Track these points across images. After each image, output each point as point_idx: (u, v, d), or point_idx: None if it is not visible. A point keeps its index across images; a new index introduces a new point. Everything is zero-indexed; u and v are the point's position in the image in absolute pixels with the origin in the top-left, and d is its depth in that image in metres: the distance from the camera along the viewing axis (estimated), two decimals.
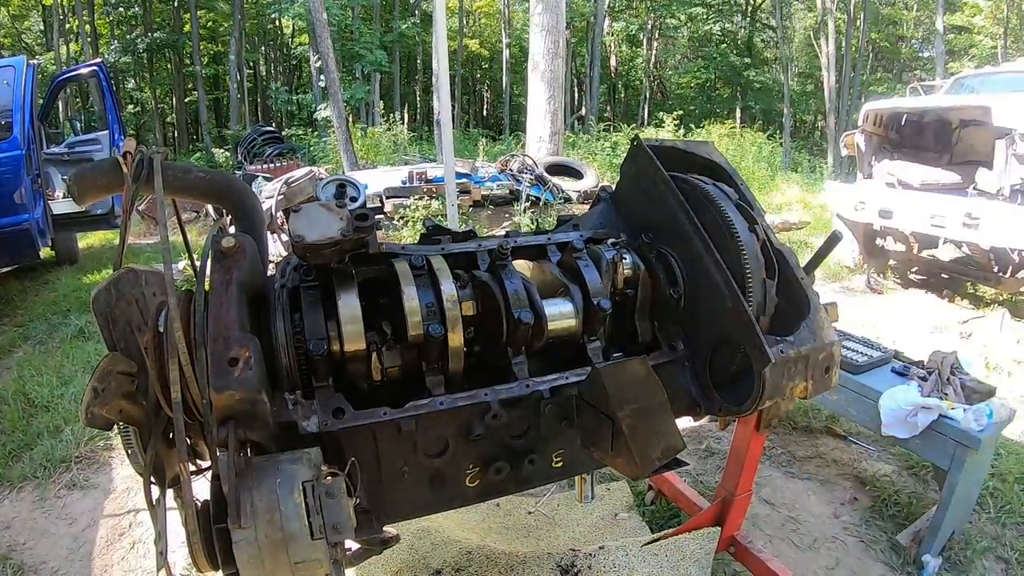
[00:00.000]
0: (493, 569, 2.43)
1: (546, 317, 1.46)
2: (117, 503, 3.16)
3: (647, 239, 1.61)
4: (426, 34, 23.74)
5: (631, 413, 1.27)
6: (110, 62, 22.74)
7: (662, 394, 1.33)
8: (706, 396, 1.56)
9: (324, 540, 1.07)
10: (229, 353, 1.15)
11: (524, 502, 2.96)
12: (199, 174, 1.56)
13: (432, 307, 1.36)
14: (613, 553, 2.46)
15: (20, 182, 5.96)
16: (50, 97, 8.41)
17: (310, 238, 1.26)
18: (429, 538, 2.61)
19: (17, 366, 4.79)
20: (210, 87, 28.36)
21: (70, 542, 2.90)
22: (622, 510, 2.91)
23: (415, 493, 1.43)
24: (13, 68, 6.40)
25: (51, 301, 6.54)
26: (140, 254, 8.60)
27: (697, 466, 3.24)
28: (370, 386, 1.38)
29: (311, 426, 1.23)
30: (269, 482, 1.08)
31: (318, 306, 1.33)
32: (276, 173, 10.04)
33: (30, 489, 3.27)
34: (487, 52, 35.36)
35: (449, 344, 1.35)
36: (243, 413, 1.14)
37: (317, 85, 19.49)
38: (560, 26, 10.65)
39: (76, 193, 1.48)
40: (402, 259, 1.43)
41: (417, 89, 30.88)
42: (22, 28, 28.22)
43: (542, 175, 9.01)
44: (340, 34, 20.56)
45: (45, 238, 6.54)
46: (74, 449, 3.55)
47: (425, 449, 1.38)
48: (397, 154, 12.91)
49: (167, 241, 1.25)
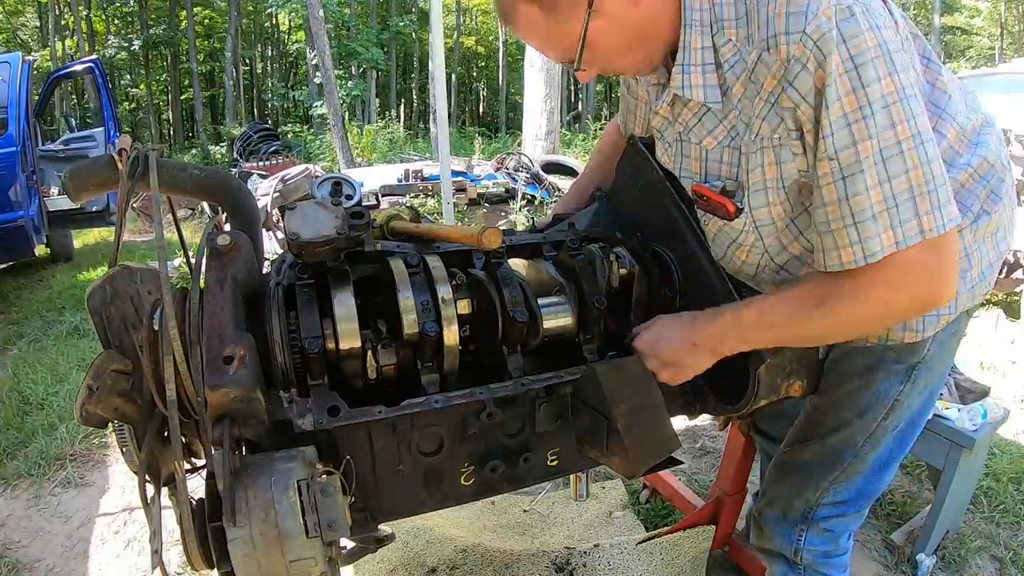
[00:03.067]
0: (488, 567, 2.43)
1: (541, 316, 1.46)
2: (112, 501, 3.16)
3: (642, 238, 1.62)
4: (423, 31, 23.72)
5: (626, 412, 1.27)
6: (106, 59, 22.67)
7: (657, 393, 1.34)
8: (700, 395, 1.56)
9: (319, 538, 1.07)
10: (224, 351, 1.15)
11: (519, 500, 2.96)
12: (194, 171, 1.55)
13: (427, 305, 1.35)
14: (608, 551, 2.47)
15: (15, 179, 5.95)
16: (45, 93, 8.38)
17: (305, 236, 1.26)
18: (424, 536, 2.61)
19: (12, 363, 4.77)
20: (206, 84, 28.31)
21: (65, 540, 2.90)
22: (617, 508, 2.91)
23: (410, 491, 1.43)
24: (8, 64, 6.39)
25: (46, 298, 6.53)
26: (135, 251, 8.58)
27: (692, 465, 3.24)
28: (365, 384, 1.38)
29: (306, 424, 1.23)
30: (264, 480, 1.08)
31: (313, 304, 1.33)
32: (272, 170, 10.01)
33: (25, 487, 3.26)
34: (484, 50, 35.36)
35: (444, 342, 1.35)
36: (238, 411, 1.14)
37: (313, 82, 19.46)
38: None
39: (71, 190, 1.47)
40: (397, 257, 1.43)
41: (413, 86, 30.85)
42: (17, 24, 28.12)
43: (538, 173, 9.01)
44: (337, 31, 20.53)
45: (40, 235, 6.53)
46: (69, 447, 3.54)
47: (420, 447, 1.38)
48: (393, 152, 12.90)
49: (162, 239, 1.24)
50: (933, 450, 2.47)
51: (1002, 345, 4.66)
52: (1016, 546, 2.67)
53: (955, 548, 2.63)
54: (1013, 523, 2.80)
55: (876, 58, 1.06)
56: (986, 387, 2.58)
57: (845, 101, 1.07)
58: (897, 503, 2.89)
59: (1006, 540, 2.71)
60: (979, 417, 2.42)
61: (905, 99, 1.08)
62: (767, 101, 1.17)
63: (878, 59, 1.06)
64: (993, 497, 2.92)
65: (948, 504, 2.47)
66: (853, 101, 1.07)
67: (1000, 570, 2.60)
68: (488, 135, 20.03)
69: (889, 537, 2.68)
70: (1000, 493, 2.93)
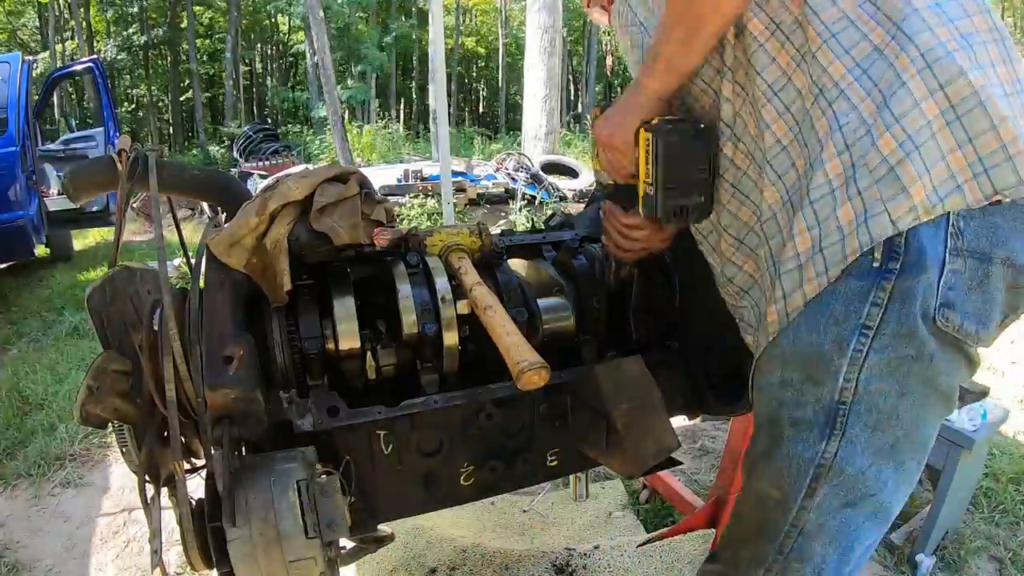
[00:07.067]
0: (488, 568, 2.43)
1: (540, 315, 1.47)
2: (112, 501, 3.16)
3: None
4: (423, 32, 23.71)
5: (625, 412, 1.28)
6: (106, 59, 22.68)
7: (656, 393, 1.34)
8: (700, 395, 1.57)
9: (319, 538, 1.07)
10: (224, 351, 1.15)
11: (519, 501, 2.96)
12: (194, 172, 1.56)
13: (427, 305, 1.36)
14: (608, 553, 2.47)
15: (15, 179, 5.95)
16: (45, 94, 8.38)
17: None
18: (423, 536, 2.61)
19: (11, 363, 4.77)
20: (206, 84, 28.30)
21: (65, 540, 2.89)
22: (616, 509, 2.91)
23: (409, 492, 1.43)
24: (8, 64, 6.39)
25: (45, 298, 6.52)
26: (135, 252, 8.57)
27: (691, 465, 3.24)
28: (365, 384, 1.38)
29: (305, 424, 1.23)
30: (263, 480, 1.08)
31: (313, 304, 1.33)
32: (272, 171, 10.02)
33: (24, 487, 3.26)
34: (483, 50, 35.35)
35: (444, 343, 1.35)
36: (238, 411, 1.14)
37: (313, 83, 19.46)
38: (557, 24, 10.66)
39: (71, 190, 1.47)
40: (397, 257, 1.43)
41: (413, 87, 30.84)
42: (17, 24, 28.13)
43: (538, 174, 9.01)
44: (338, 32, 20.54)
45: (40, 235, 6.53)
46: (68, 447, 3.54)
47: (420, 447, 1.38)
48: (393, 152, 12.90)
49: (162, 239, 1.24)
50: (932, 450, 2.46)
51: (1002, 345, 4.65)
52: (1015, 546, 2.67)
53: (954, 548, 2.63)
54: (1013, 523, 2.80)
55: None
56: (986, 387, 2.58)
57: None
58: None
59: (1005, 540, 2.70)
60: (979, 417, 2.42)
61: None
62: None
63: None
64: (993, 498, 2.92)
65: (947, 504, 2.47)
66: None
67: (1000, 570, 2.60)
68: (488, 135, 20.02)
69: (889, 537, 2.68)
70: (1000, 493, 2.93)
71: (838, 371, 0.99)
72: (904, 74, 0.93)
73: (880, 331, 0.97)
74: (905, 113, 0.93)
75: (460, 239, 1.48)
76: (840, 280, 0.98)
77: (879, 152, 0.93)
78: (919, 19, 0.94)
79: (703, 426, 3.56)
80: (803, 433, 1.04)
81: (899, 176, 0.92)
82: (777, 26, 1.04)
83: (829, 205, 0.98)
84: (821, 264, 0.99)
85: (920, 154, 0.92)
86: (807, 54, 1.01)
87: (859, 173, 0.95)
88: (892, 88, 0.94)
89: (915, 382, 0.99)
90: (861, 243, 0.95)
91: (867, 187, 0.95)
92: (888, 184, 0.93)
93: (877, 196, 0.94)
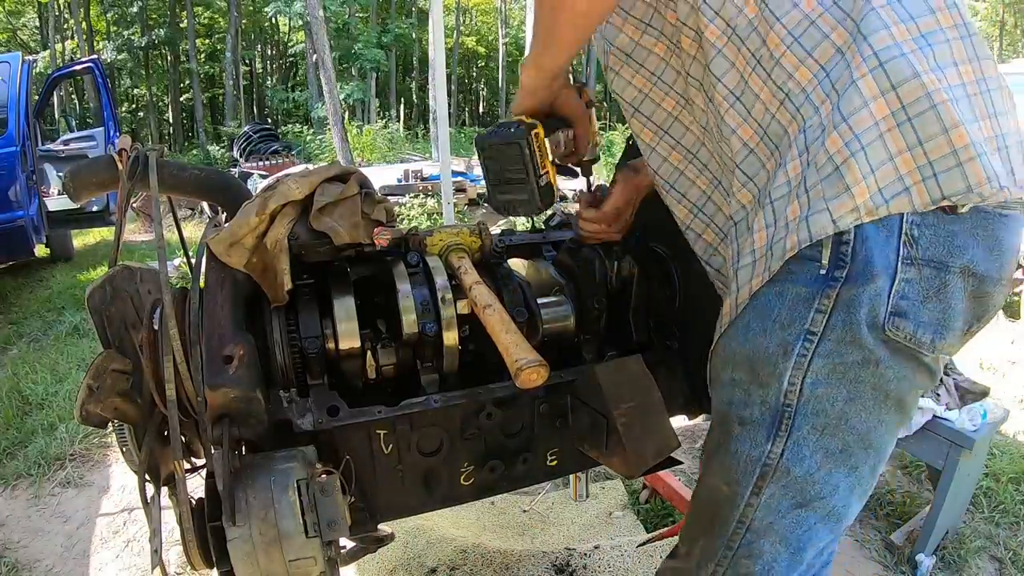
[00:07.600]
0: (488, 568, 2.43)
1: (540, 315, 1.47)
2: (112, 501, 3.16)
3: (642, 237, 1.62)
4: (422, 31, 23.71)
5: (626, 412, 1.27)
6: (106, 59, 22.69)
7: (657, 393, 1.34)
8: (700, 395, 1.56)
9: (319, 538, 1.07)
10: (224, 351, 1.15)
11: (519, 500, 2.97)
12: (194, 171, 1.56)
13: (427, 305, 1.36)
14: (608, 554, 2.47)
15: (15, 179, 5.96)
16: (45, 93, 8.39)
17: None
18: (424, 536, 2.61)
19: (11, 363, 4.77)
20: (206, 84, 28.33)
21: (64, 540, 2.89)
22: (616, 509, 2.91)
23: (409, 491, 1.43)
24: (8, 64, 6.39)
25: (45, 298, 6.53)
26: (135, 251, 8.58)
27: (692, 465, 3.24)
28: (365, 384, 1.38)
29: (306, 424, 1.23)
30: (263, 480, 1.08)
31: (313, 304, 1.33)
32: (272, 171, 10.03)
33: (24, 487, 3.27)
34: (483, 50, 35.37)
35: (444, 342, 1.35)
36: (238, 411, 1.14)
37: (313, 83, 19.45)
38: None
39: (71, 190, 1.47)
40: (397, 257, 1.43)
41: (413, 86, 30.86)
42: (17, 24, 28.14)
43: None
44: (337, 32, 20.53)
45: (40, 235, 6.54)
46: (68, 447, 3.54)
47: (420, 447, 1.38)
48: (393, 152, 12.91)
49: (162, 239, 1.24)
50: (933, 450, 2.47)
51: (1002, 345, 4.66)
52: (1016, 546, 2.67)
53: (955, 548, 2.63)
54: (1013, 523, 2.80)
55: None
56: (986, 387, 2.58)
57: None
58: (897, 503, 2.89)
59: (1006, 540, 2.70)
60: (979, 418, 2.42)
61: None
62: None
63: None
64: (993, 497, 2.92)
65: (948, 504, 2.47)
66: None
67: (1000, 570, 2.60)
68: None
69: (889, 537, 2.68)
70: (1000, 493, 2.93)
71: (783, 374, 0.99)
72: (855, 73, 0.91)
73: (825, 337, 0.96)
74: (853, 112, 0.91)
75: (460, 239, 1.48)
76: (787, 284, 0.98)
77: (826, 151, 0.92)
78: (877, 17, 0.92)
79: (703, 426, 3.56)
80: (750, 432, 1.05)
81: (843, 175, 0.91)
82: (733, 30, 1.03)
83: (784, 203, 0.98)
84: (771, 260, 0.99)
85: (866, 154, 0.90)
86: (767, 58, 1.00)
87: (808, 171, 0.94)
88: (845, 87, 0.92)
89: (864, 388, 0.99)
90: (800, 239, 0.94)
91: (813, 185, 0.94)
92: (832, 183, 0.92)
93: (820, 194, 0.93)
